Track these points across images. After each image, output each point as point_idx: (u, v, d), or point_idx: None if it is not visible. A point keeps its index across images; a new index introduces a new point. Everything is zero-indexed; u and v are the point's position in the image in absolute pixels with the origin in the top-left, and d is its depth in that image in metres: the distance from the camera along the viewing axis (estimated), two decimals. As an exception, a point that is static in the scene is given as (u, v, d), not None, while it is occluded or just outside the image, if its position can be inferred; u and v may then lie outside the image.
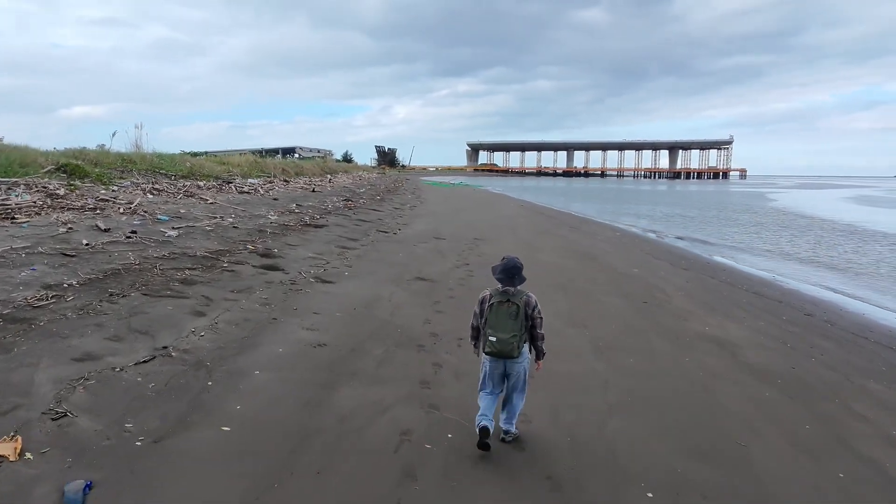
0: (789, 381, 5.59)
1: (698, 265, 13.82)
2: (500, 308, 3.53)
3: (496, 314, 3.53)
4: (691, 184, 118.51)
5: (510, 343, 3.49)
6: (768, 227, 25.67)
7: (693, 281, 11.23)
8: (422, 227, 16.31)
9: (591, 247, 15.14)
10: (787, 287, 11.80)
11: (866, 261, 15.87)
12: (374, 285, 8.29)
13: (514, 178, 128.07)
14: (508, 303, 3.54)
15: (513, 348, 3.50)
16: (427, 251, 11.97)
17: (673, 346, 6.48)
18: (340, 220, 15.28)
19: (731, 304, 9.27)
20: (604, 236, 19.02)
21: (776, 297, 10.38)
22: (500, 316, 3.52)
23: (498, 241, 14.51)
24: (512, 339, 3.48)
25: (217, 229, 11.21)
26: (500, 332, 3.50)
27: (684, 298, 9.30)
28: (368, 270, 9.36)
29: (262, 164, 30.89)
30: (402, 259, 10.74)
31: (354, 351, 5.37)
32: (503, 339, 3.48)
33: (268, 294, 7.06)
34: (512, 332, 3.49)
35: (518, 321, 3.51)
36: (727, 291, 10.51)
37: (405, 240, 13.40)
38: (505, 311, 3.52)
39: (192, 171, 22.16)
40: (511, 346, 3.49)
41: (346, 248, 11.25)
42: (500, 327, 3.51)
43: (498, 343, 3.49)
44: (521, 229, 18.22)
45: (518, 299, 3.55)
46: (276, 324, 5.96)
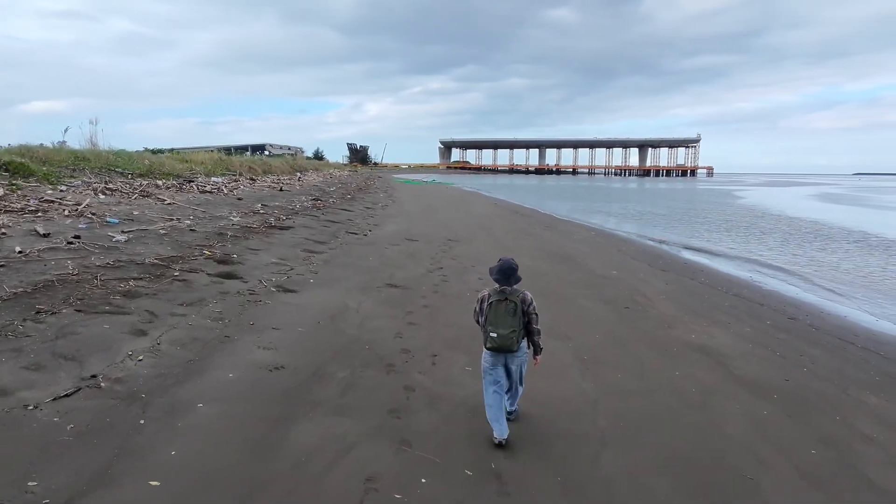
0: (786, 396, 5.23)
1: (676, 266, 13.60)
2: (499, 306, 3.77)
3: (495, 312, 3.77)
4: (660, 181, 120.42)
5: (510, 338, 3.73)
6: (739, 225, 25.86)
7: (673, 283, 10.94)
8: (394, 228, 15.72)
9: (568, 247, 14.79)
10: (766, 289, 11.63)
11: (834, 259, 15.94)
12: (342, 294, 7.69)
13: (486, 176, 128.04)
14: (506, 301, 3.77)
15: (512, 343, 3.75)
16: (399, 254, 11.40)
17: (661, 357, 6.09)
18: (308, 221, 14.56)
19: (713, 309, 8.97)
20: (579, 236, 18.74)
21: (757, 300, 10.16)
22: (499, 314, 3.76)
23: (473, 242, 14.02)
24: (511, 335, 3.73)
25: (172, 233, 10.42)
26: (500, 329, 3.73)
27: (666, 303, 8.97)
28: (336, 277, 8.75)
29: (227, 162, 29.78)
30: (373, 263, 10.15)
31: (316, 375, 4.79)
32: (503, 334, 3.73)
33: (222, 307, 6.40)
34: (511, 328, 3.73)
35: (516, 318, 3.75)
36: (708, 294, 10.24)
37: (376, 241, 12.80)
38: (504, 309, 3.76)
39: (151, 170, 21.07)
40: (511, 340, 3.74)
41: (312, 251, 10.60)
42: (499, 324, 3.74)
43: (498, 339, 3.74)
44: (496, 229, 17.79)
45: (515, 297, 3.79)
46: (228, 343, 5.32)
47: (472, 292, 8.57)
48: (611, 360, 5.85)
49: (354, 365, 5.06)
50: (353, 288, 8.10)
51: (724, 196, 54.33)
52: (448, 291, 8.50)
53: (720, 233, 22.35)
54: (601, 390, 4.98)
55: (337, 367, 5.00)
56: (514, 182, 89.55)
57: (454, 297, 8.11)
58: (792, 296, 11.01)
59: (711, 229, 23.71)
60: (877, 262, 15.55)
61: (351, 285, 8.25)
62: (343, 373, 4.88)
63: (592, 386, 5.06)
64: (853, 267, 14.83)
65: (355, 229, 14.56)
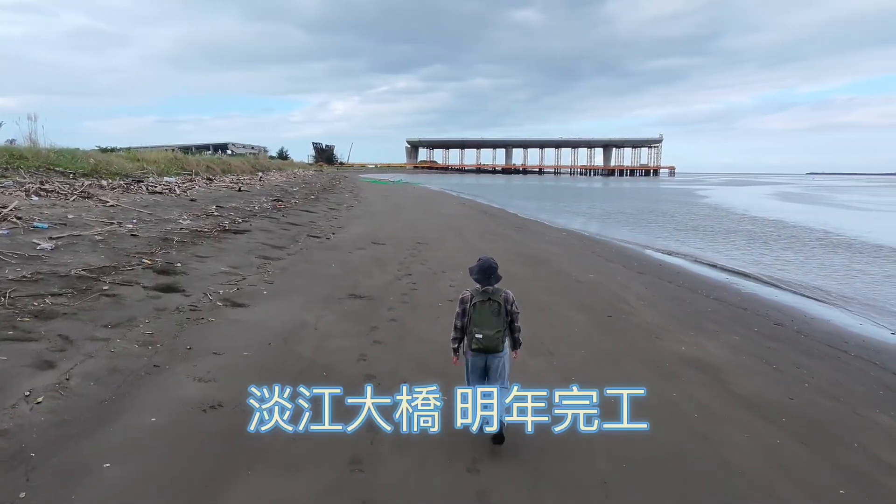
0: (795, 419, 4.72)
1: (652, 268, 13.21)
2: (483, 307, 3.70)
3: (480, 313, 3.69)
4: (625, 181, 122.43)
5: (495, 339, 3.67)
6: (707, 225, 25.95)
7: (652, 287, 10.49)
8: (359, 231, 14.87)
9: (541, 249, 14.25)
10: (745, 291, 11.31)
11: (800, 258, 15.91)
12: (299, 307, 6.87)
13: (454, 176, 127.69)
14: (490, 301, 3.70)
15: (498, 343, 3.69)
16: (364, 259, 10.59)
17: (655, 375, 5.51)
18: (266, 224, 13.58)
19: (698, 315, 8.52)
20: (551, 237, 18.28)
21: (739, 304, 9.78)
22: (483, 314, 3.68)
23: (442, 246, 13.32)
24: (497, 335, 3.67)
25: (109, 239, 9.35)
26: (486, 330, 3.66)
27: (649, 310, 8.46)
28: (293, 287, 7.90)
29: (183, 161, 28.28)
30: (335, 270, 9.33)
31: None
32: (489, 335, 3.65)
33: (155, 328, 5.50)
34: (496, 328, 3.67)
35: (500, 318, 3.70)
36: (689, 299, 9.81)
37: (340, 246, 11.95)
38: (488, 309, 3.69)
39: (97, 169, 19.60)
40: (496, 341, 3.68)
41: (268, 258, 9.69)
42: (484, 325, 3.67)
43: (484, 340, 3.65)
44: (466, 231, 17.14)
45: (498, 297, 3.73)
46: (156, 375, 4.47)
47: (445, 301, 7.86)
48: (601, 380, 5.21)
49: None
50: (312, 300, 7.28)
51: (688, 195, 55.19)
52: (418, 301, 7.78)
53: (687, 232, 22.28)
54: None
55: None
56: (481, 182, 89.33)
57: (424, 309, 7.39)
58: (772, 298, 10.70)
59: (679, 228, 23.65)
60: (840, 261, 15.56)
61: (310, 297, 7.43)
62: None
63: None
64: (819, 266, 14.78)
65: (317, 232, 13.65)
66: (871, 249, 17.88)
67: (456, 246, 13.52)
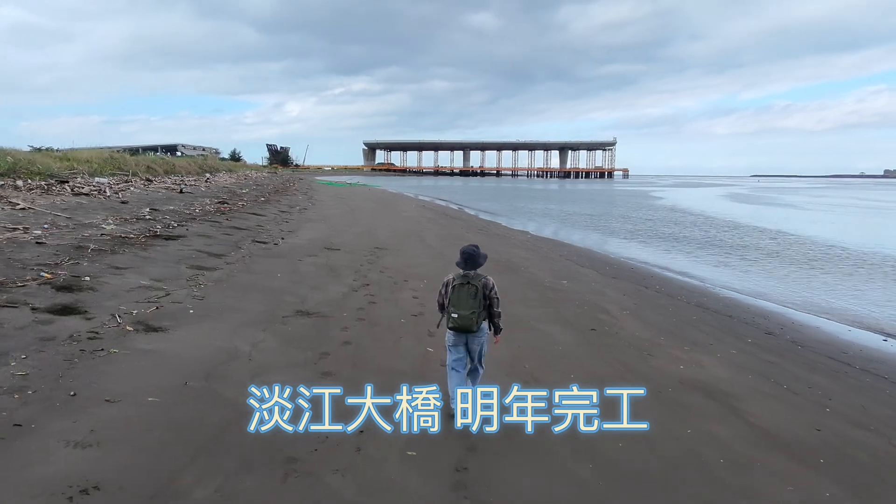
0: (833, 460, 3.93)
1: (625, 272, 12.55)
2: (462, 289, 3.92)
3: (458, 294, 3.92)
4: (580, 183, 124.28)
5: (470, 318, 3.89)
6: (667, 225, 25.84)
7: (630, 294, 9.76)
8: (312, 235, 13.61)
9: (509, 254, 13.38)
10: (724, 295, 10.76)
11: (763, 257, 15.69)
12: (232, 330, 5.68)
13: (412, 178, 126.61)
14: (469, 285, 3.93)
15: (472, 323, 3.90)
16: (316, 268, 9.41)
17: (659, 405, 4.65)
18: (206, 229, 12.15)
19: (686, 326, 7.79)
20: (517, 240, 17.50)
21: (723, 311, 9.16)
22: (461, 296, 3.91)
23: (404, 251, 12.26)
24: (471, 315, 3.89)
25: (6, 248, 7.85)
26: (461, 310, 3.89)
27: (634, 320, 7.68)
28: (228, 303, 6.68)
29: (120, 161, 26.14)
30: (281, 282, 8.12)
31: (157, 498, 2.85)
32: (464, 315, 3.89)
33: (32, 366, 4.23)
34: (471, 309, 3.89)
35: (477, 300, 3.91)
36: (672, 306, 9.11)
37: (289, 253, 10.70)
38: (465, 291, 3.92)
39: (14, 168, 17.58)
40: (470, 321, 3.89)
41: (202, 268, 8.38)
42: (460, 305, 3.90)
43: (459, 319, 3.89)
44: (429, 234, 16.13)
45: (477, 282, 3.94)
46: (17, 440, 3.24)
47: (408, 317, 6.83)
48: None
49: (228, 469, 3.15)
50: (250, 319, 6.09)
51: (644, 197, 55.95)
52: (377, 317, 6.70)
53: (649, 233, 21.99)
54: (605, 479, 3.41)
55: (200, 473, 3.09)
56: (439, 184, 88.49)
57: (384, 327, 6.33)
58: (752, 303, 10.16)
59: (638, 226, 23.38)
60: (802, 259, 15.44)
61: (247, 316, 6.23)
62: (208, 487, 2.97)
63: (591, 472, 3.48)
64: (779, 265, 14.56)
65: (265, 237, 12.31)
66: (823, 249, 17.94)
67: (418, 251, 12.48)
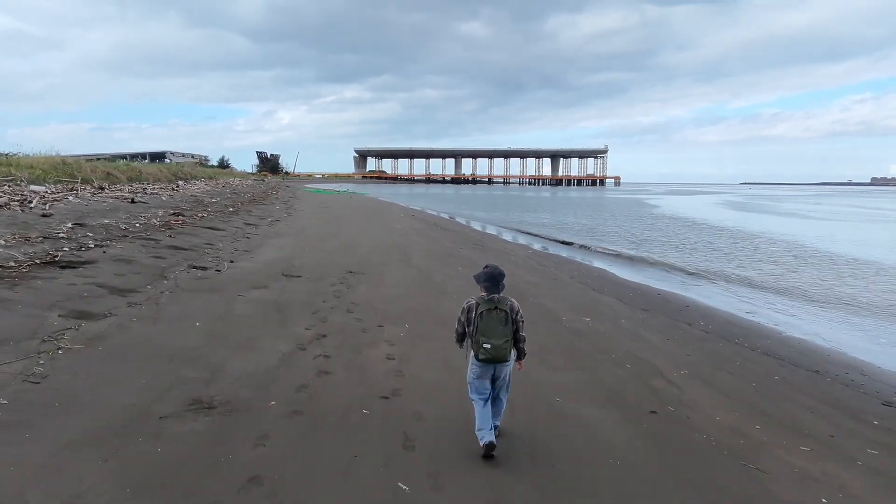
0: None
1: (653, 301, 10.29)
2: (490, 315, 3.60)
3: (487, 322, 3.59)
4: (572, 190, 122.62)
5: (504, 349, 3.60)
6: (672, 236, 23.66)
7: (676, 338, 7.48)
8: (272, 256, 11.22)
9: (511, 276, 10.92)
10: (785, 336, 8.52)
11: (789, 271, 13.52)
12: (40, 464, 3.26)
13: (403, 186, 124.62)
14: (497, 310, 3.61)
15: (506, 353, 3.62)
16: (257, 309, 7.00)
17: None
18: (133, 250, 9.70)
19: (775, 396, 5.50)
20: (517, 257, 15.20)
21: (802, 363, 6.90)
22: (491, 323, 3.59)
23: (384, 275, 9.92)
24: (505, 345, 3.60)
25: None
26: (494, 339, 3.57)
27: (702, 389, 5.39)
28: (71, 392, 4.18)
29: (74, 167, 23.55)
30: (195, 337, 5.69)
31: None
32: (497, 345, 3.56)
33: None
34: (504, 337, 3.59)
35: (507, 327, 3.61)
36: (735, 357, 6.83)
37: (230, 283, 8.27)
38: (495, 317, 3.60)
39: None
40: (505, 350, 3.61)
41: (84, 315, 5.90)
42: (493, 334, 3.57)
43: (493, 350, 3.57)
44: (416, 250, 13.79)
45: (504, 305, 3.64)
46: None
47: (375, 402, 4.42)
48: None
49: None
50: (93, 430, 3.61)
51: (640, 206, 54.04)
52: (325, 407, 4.29)
53: (661, 246, 19.75)
54: None
55: None
56: (430, 191, 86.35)
57: (333, 430, 3.94)
58: (828, 350, 7.89)
59: (648, 241, 21.16)
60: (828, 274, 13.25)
61: (92, 420, 3.77)
62: None
63: None
64: (814, 280, 12.33)
65: (208, 260, 9.88)
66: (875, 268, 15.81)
67: (401, 276, 10.15)
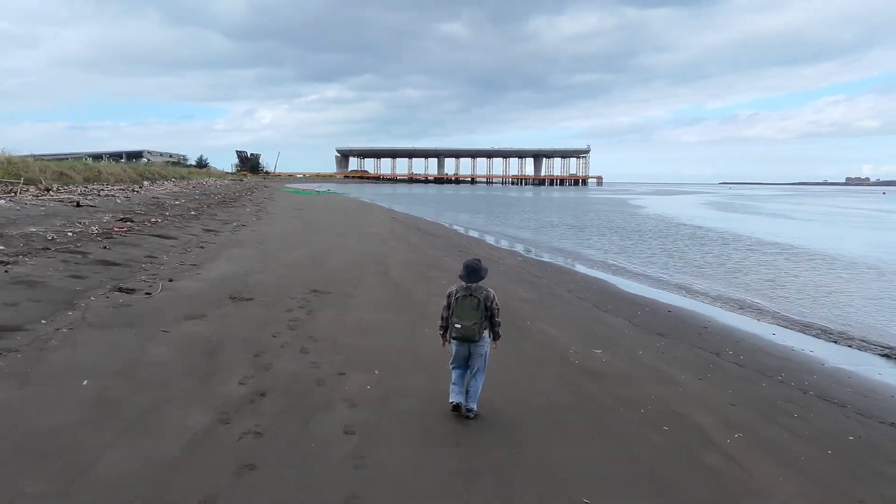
0: None
1: (667, 323, 8.95)
2: (465, 301, 4.23)
3: (461, 306, 4.23)
4: (555, 190, 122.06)
5: (472, 329, 4.19)
6: (661, 240, 22.51)
7: (710, 378, 6.13)
8: (225, 270, 9.62)
9: (504, 292, 9.48)
10: (830, 367, 7.23)
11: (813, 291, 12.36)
12: None
13: (385, 185, 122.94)
14: (471, 297, 4.23)
15: (474, 333, 4.20)
16: (179, 352, 5.40)
17: None
18: (46, 267, 8.01)
19: (864, 470, 4.15)
20: (507, 266, 13.80)
21: (863, 408, 5.58)
22: (464, 307, 4.22)
23: (354, 295, 8.43)
24: (473, 326, 4.19)
25: None
26: (464, 321, 4.20)
27: (773, 467, 4.04)
28: None
29: (20, 167, 21.58)
30: (71, 410, 4.08)
31: None
32: (466, 325, 4.19)
33: None
34: (473, 320, 4.18)
35: (479, 311, 4.20)
36: (788, 403, 5.48)
37: (156, 313, 6.61)
38: (469, 303, 4.22)
39: None
40: (472, 331, 4.19)
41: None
42: (463, 316, 4.21)
43: (462, 329, 4.21)
44: (395, 260, 12.30)
45: (479, 294, 4.24)
46: None
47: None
48: None
49: None
50: None
51: (624, 206, 53.25)
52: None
53: (651, 252, 18.54)
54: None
55: None
56: (413, 192, 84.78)
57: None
58: (883, 385, 6.62)
59: (638, 247, 19.94)
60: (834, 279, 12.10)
61: None
62: None
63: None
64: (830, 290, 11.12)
65: (140, 280, 8.21)
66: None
67: (376, 294, 8.66)
